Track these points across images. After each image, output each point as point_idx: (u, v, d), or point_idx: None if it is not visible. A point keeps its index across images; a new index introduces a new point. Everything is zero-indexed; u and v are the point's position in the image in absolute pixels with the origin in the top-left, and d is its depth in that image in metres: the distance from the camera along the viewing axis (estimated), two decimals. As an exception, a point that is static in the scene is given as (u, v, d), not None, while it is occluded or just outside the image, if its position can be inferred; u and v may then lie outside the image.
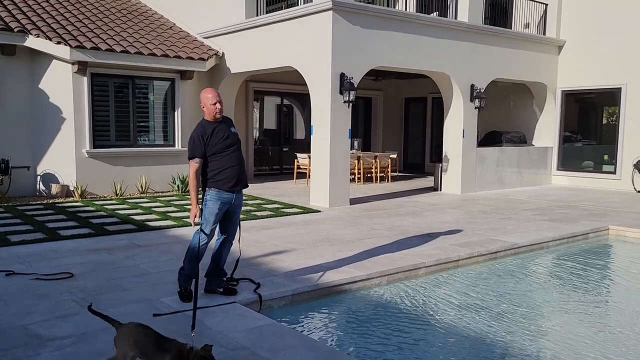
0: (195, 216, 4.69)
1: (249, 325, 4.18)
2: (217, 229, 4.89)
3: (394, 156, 15.44)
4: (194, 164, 4.69)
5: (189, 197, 11.32)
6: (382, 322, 4.87)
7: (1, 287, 5.09)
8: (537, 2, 14.26)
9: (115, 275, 5.51)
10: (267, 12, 12.29)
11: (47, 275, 5.44)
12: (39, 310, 4.50)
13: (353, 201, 10.76)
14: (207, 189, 4.78)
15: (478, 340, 4.54)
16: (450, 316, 5.08)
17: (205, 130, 4.73)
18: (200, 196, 4.79)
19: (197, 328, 4.07)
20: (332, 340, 4.51)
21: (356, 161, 13.84)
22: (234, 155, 4.80)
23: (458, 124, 12.41)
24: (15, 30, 10.34)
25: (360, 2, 10.96)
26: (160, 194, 11.60)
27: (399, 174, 16.80)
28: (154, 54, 11.42)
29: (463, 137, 12.37)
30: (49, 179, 10.91)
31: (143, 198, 10.88)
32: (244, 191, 5.02)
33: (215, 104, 4.73)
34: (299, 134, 17.30)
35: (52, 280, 5.31)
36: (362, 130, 18.13)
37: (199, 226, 4.74)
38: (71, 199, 10.57)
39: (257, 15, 12.06)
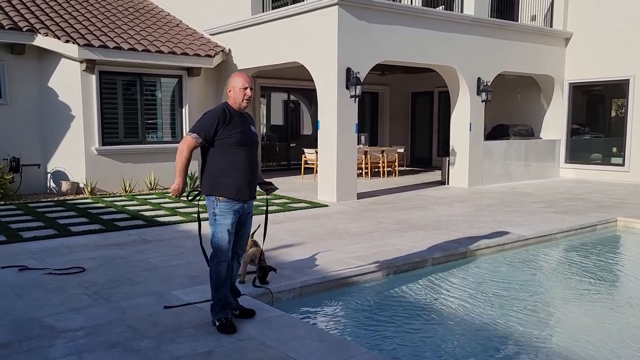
0: (177, 191, 3.94)
1: (258, 317, 4.23)
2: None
3: (401, 150, 15.46)
4: (191, 139, 3.92)
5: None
6: (390, 313, 4.92)
7: (15, 282, 5.18)
8: (543, -6, 14.21)
9: (126, 270, 5.59)
10: (272, 8, 12.32)
11: (60, 270, 5.53)
12: (52, 303, 4.58)
13: (360, 195, 10.79)
14: (214, 198, 3.95)
15: (486, 330, 4.57)
16: (458, 307, 5.12)
17: (227, 114, 3.96)
18: (199, 198, 4.12)
19: (207, 319, 4.14)
20: (341, 330, 4.56)
21: (363, 156, 13.86)
22: (250, 157, 4.04)
23: (465, 118, 12.40)
24: (24, 29, 10.43)
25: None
26: (169, 190, 11.67)
27: (407, 168, 16.82)
28: (161, 51, 11.49)
29: (470, 130, 12.36)
30: (59, 176, 11.03)
31: (152, 194, 10.97)
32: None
33: (245, 88, 3.98)
34: (306, 130, 17.34)
35: (65, 275, 5.40)
36: (369, 125, 18.15)
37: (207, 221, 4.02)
38: (81, 195, 10.68)
39: (263, 12, 12.11)
